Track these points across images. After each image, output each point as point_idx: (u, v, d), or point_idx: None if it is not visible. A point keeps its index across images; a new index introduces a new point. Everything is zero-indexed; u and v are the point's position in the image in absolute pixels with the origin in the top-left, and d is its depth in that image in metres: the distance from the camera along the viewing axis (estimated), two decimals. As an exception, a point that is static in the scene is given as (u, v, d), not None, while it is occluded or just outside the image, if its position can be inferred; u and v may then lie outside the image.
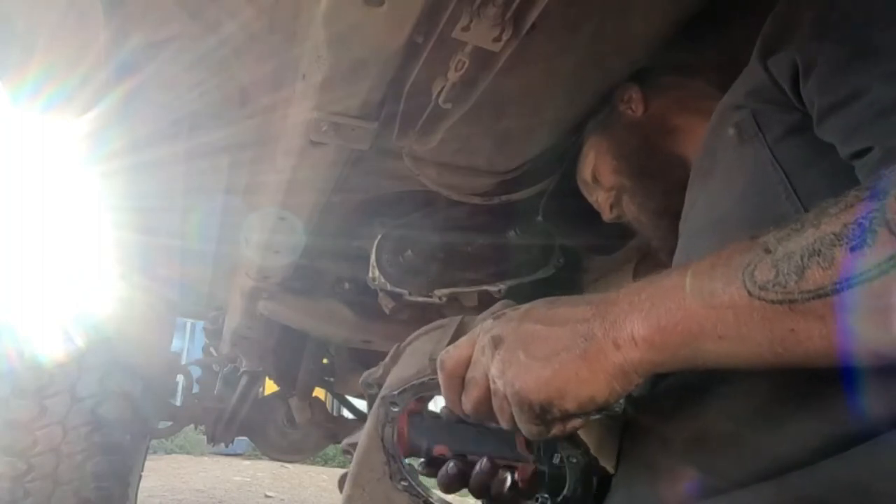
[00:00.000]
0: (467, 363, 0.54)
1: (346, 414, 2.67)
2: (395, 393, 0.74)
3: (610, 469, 0.62)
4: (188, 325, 7.39)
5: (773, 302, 0.38)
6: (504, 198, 1.26)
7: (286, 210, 1.18)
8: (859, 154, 0.48)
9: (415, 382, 0.73)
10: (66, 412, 1.80)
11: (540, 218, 1.23)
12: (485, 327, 0.54)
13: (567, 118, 1.09)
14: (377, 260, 1.34)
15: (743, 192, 0.59)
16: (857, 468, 0.38)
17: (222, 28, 0.85)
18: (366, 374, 0.81)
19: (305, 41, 0.81)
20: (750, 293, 0.39)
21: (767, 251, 0.40)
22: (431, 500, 0.69)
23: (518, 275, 1.40)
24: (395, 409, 0.73)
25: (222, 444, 2.61)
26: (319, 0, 0.68)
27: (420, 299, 1.35)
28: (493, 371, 0.50)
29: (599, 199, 1.07)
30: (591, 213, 1.13)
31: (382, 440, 0.71)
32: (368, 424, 0.73)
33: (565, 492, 0.69)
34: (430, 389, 0.72)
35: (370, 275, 1.35)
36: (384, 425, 0.72)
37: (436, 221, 1.36)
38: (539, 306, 0.52)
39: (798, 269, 0.37)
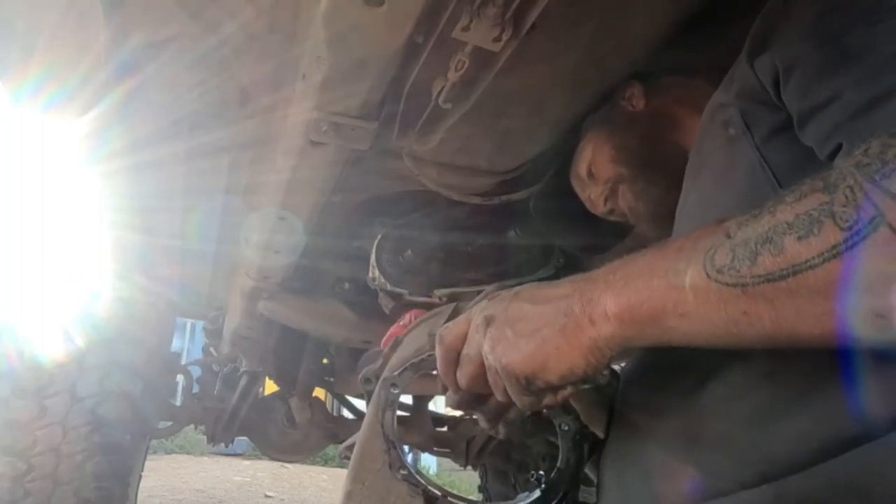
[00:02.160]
0: (463, 339, 0.58)
1: (346, 414, 2.68)
2: (396, 374, 0.73)
3: (600, 434, 0.63)
4: (188, 325, 7.39)
5: (728, 285, 0.41)
6: (504, 198, 1.26)
7: (286, 210, 1.18)
8: (833, 154, 0.49)
9: (414, 360, 0.74)
10: (66, 412, 1.80)
11: (533, 215, 1.23)
12: (479, 307, 0.58)
13: (567, 118, 1.09)
14: (377, 260, 1.34)
15: (732, 191, 0.60)
16: (858, 470, 0.38)
17: (222, 28, 0.85)
18: (365, 370, 0.81)
19: (305, 41, 0.81)
20: (708, 276, 0.42)
21: (728, 236, 0.42)
22: (430, 488, 0.69)
23: (518, 275, 1.40)
24: (396, 391, 0.73)
25: (222, 444, 2.61)
26: (319, 0, 0.68)
27: (420, 299, 1.35)
28: (486, 348, 0.54)
29: (592, 195, 1.07)
30: (582, 213, 1.13)
31: (382, 426, 0.70)
32: (369, 412, 0.73)
33: (558, 464, 0.69)
34: (430, 367, 0.72)
35: (370, 275, 1.35)
36: (384, 410, 0.71)
37: (436, 221, 1.36)
38: (528, 287, 0.56)
39: (751, 254, 0.40)
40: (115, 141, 1.14)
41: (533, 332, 0.51)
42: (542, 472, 0.72)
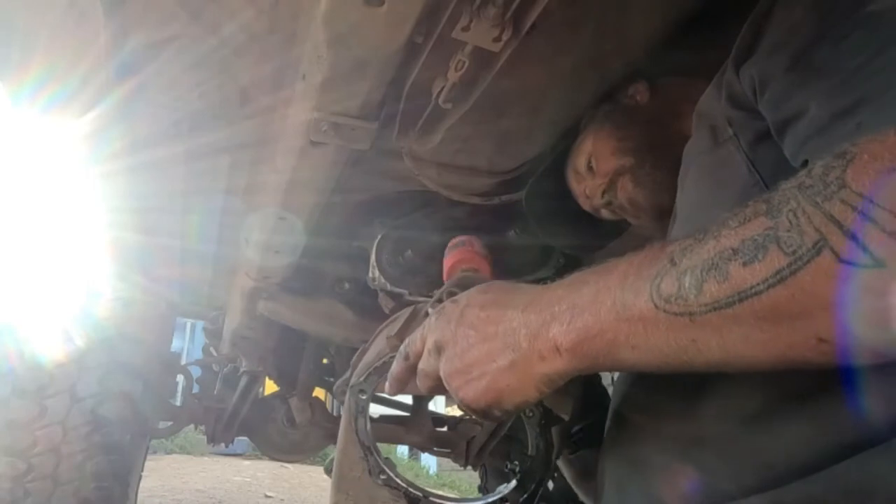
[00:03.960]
0: (419, 356, 0.60)
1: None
2: (362, 379, 0.74)
3: (565, 417, 0.64)
4: (188, 325, 7.40)
5: (676, 314, 0.41)
6: (504, 198, 1.26)
7: (286, 210, 1.18)
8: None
9: (377, 364, 0.75)
10: (66, 412, 1.79)
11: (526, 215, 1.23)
12: (430, 326, 0.59)
13: (566, 118, 1.09)
14: (377, 260, 1.34)
15: (723, 194, 0.60)
16: (859, 478, 0.38)
17: (223, 28, 0.85)
18: (337, 384, 0.81)
19: (305, 41, 0.81)
20: (656, 306, 0.42)
21: (673, 262, 0.42)
22: (411, 490, 0.69)
23: (518, 275, 1.40)
24: (364, 397, 0.73)
25: (222, 444, 2.61)
26: (319, 0, 0.68)
27: (420, 299, 1.35)
28: (442, 376, 0.56)
29: (588, 189, 1.06)
30: (575, 212, 1.13)
31: (357, 433, 0.71)
32: (342, 421, 0.73)
33: (529, 451, 0.70)
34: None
35: (370, 275, 1.35)
36: (356, 417, 0.72)
37: (436, 221, 1.36)
38: (473, 305, 0.56)
39: (697, 282, 0.40)
40: (115, 141, 1.14)
41: (483, 365, 0.52)
42: (516, 463, 0.73)
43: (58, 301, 1.91)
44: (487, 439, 1.27)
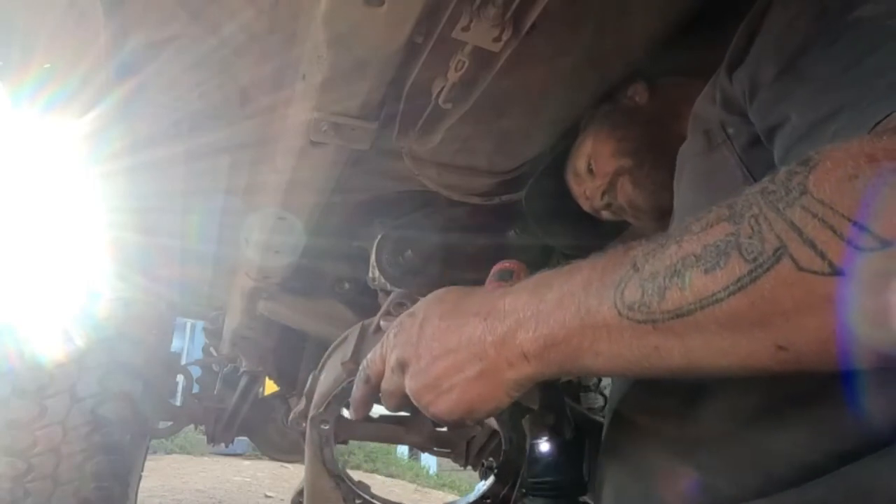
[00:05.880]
0: (381, 376, 0.59)
1: (346, 414, 2.67)
2: (322, 410, 0.73)
3: (534, 406, 0.64)
4: (188, 325, 7.40)
5: (639, 321, 0.40)
6: (504, 198, 1.26)
7: (286, 210, 1.18)
8: None
9: (336, 392, 0.73)
10: (66, 412, 1.80)
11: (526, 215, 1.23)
12: (389, 344, 0.58)
13: (566, 118, 1.09)
14: (377, 260, 1.34)
15: (716, 198, 0.59)
16: (858, 484, 0.38)
17: (223, 28, 0.85)
18: (291, 416, 0.80)
19: (305, 41, 0.81)
20: (620, 313, 0.41)
21: (636, 268, 0.42)
22: None
23: (518, 275, 1.40)
24: (326, 427, 0.72)
25: (222, 444, 2.61)
26: (319, 0, 0.68)
27: (420, 300, 1.35)
28: (409, 392, 0.55)
29: (588, 190, 1.06)
30: (575, 212, 1.13)
31: (324, 463, 0.70)
32: (307, 454, 0.72)
33: (503, 446, 0.70)
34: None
35: (370, 275, 1.35)
36: (321, 448, 0.71)
37: (436, 221, 1.36)
38: (432, 317, 0.55)
39: (660, 290, 0.39)
40: (115, 141, 1.14)
41: (451, 379, 0.51)
42: (491, 459, 0.73)
43: (58, 301, 1.91)
44: (487, 439, 1.27)
